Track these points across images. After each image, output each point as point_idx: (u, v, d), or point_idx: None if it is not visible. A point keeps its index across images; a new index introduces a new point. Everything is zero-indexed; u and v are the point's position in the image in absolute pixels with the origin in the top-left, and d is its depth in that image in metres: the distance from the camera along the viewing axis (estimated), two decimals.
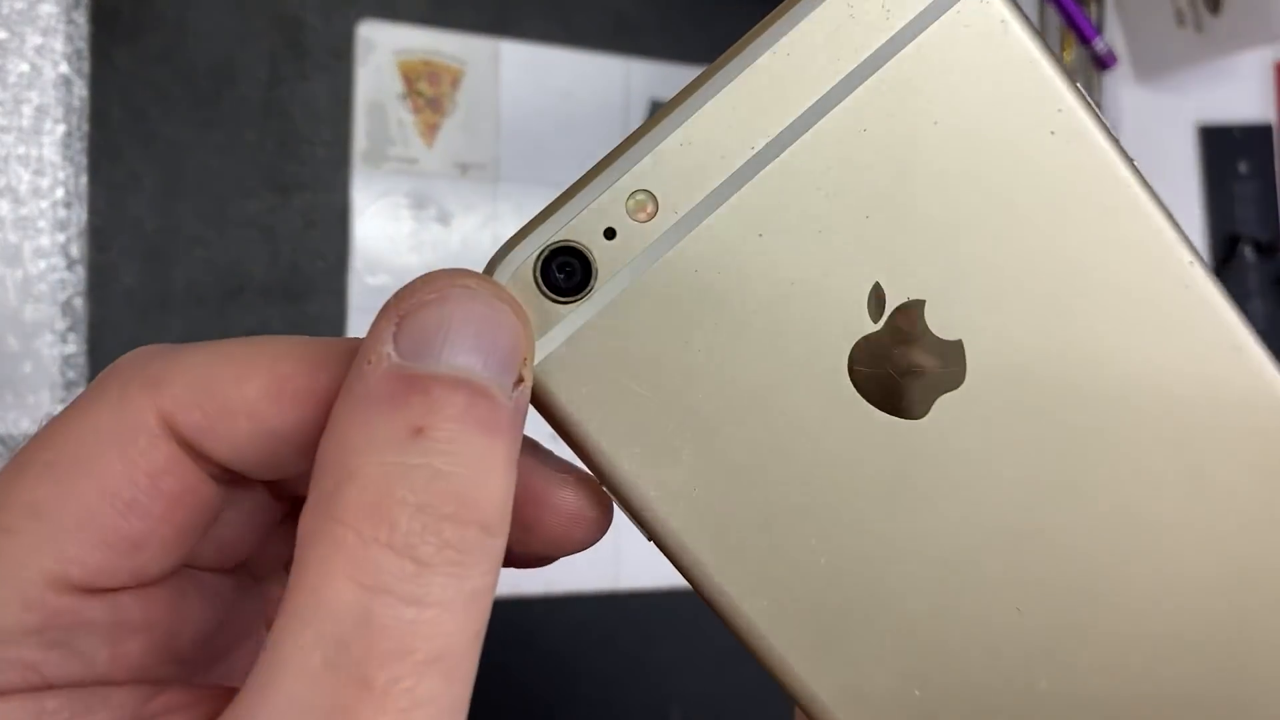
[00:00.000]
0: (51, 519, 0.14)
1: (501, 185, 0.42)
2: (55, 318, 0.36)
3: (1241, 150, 0.55)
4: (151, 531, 0.15)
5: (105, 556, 0.15)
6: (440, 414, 0.13)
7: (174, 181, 0.38)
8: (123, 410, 0.15)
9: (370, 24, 0.40)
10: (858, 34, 0.16)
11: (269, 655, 0.13)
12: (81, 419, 0.15)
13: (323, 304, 0.39)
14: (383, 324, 0.14)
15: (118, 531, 0.15)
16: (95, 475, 0.15)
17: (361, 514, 0.13)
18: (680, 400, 0.16)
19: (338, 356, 0.15)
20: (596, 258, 0.16)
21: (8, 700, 0.14)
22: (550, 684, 0.42)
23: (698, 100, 0.16)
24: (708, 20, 0.45)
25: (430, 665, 0.13)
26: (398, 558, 0.13)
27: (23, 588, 0.14)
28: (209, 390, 0.15)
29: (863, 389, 0.17)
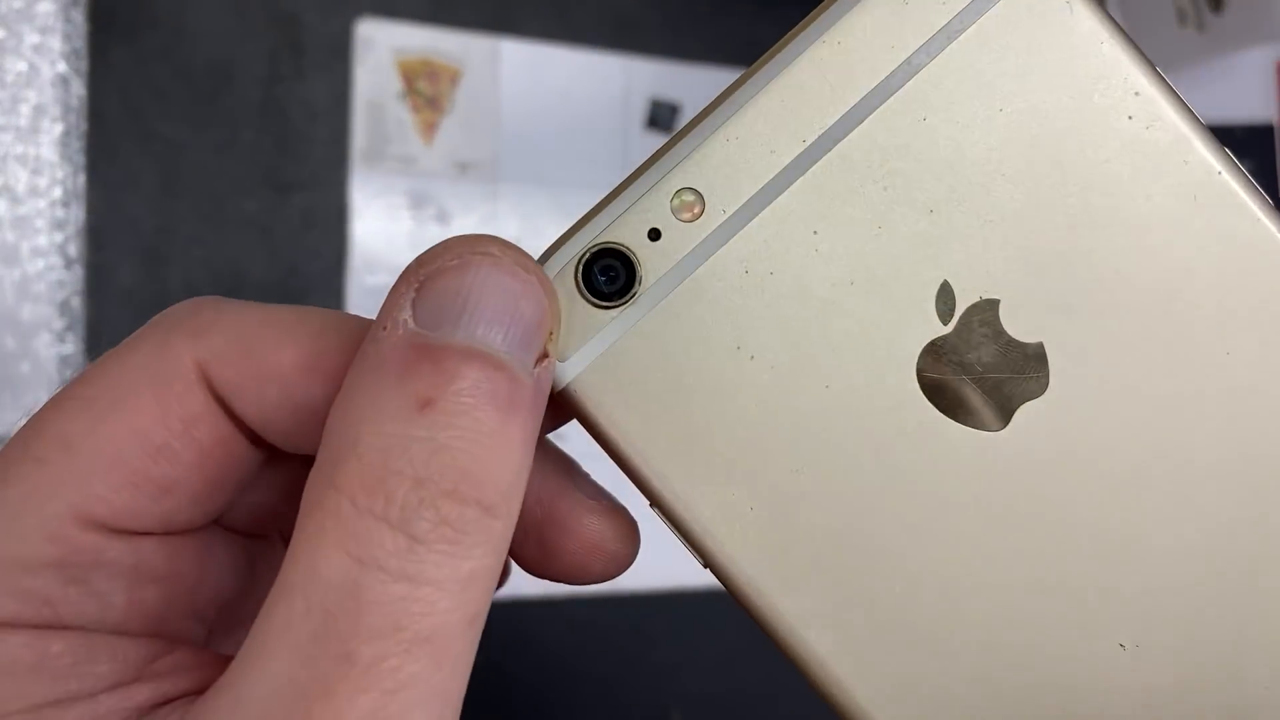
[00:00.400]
0: (82, 453, 0.14)
1: (501, 184, 0.42)
2: (53, 317, 0.36)
3: (1243, 150, 0.55)
4: (181, 479, 0.15)
5: (132, 498, 0.15)
6: (451, 386, 0.13)
7: (172, 181, 0.38)
8: (162, 354, 0.15)
9: (369, 22, 0.40)
10: (914, 18, 0.15)
11: (260, 624, 0.13)
12: (121, 360, 0.15)
13: (321, 303, 0.39)
14: (401, 289, 0.14)
15: (147, 474, 0.15)
16: (129, 414, 0.14)
17: (359, 484, 0.13)
18: (733, 412, 0.15)
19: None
20: (641, 260, 0.15)
21: (17, 633, 0.14)
22: (551, 685, 0.42)
23: (745, 94, 0.15)
24: (707, 19, 0.45)
25: (419, 645, 0.12)
26: (391, 531, 0.12)
27: (47, 520, 0.14)
28: (248, 349, 0.15)
29: (934, 398, 0.15)
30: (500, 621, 0.42)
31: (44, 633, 0.14)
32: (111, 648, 0.15)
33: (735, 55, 0.45)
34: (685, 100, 0.44)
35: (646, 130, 0.44)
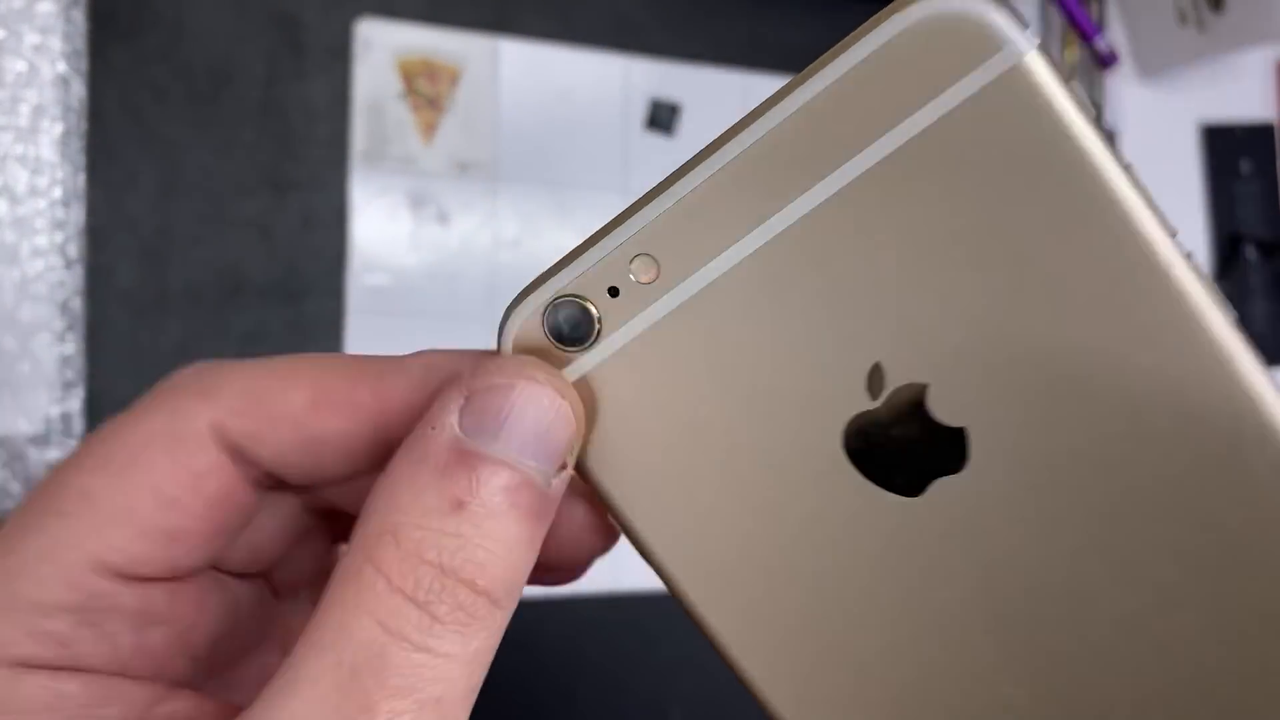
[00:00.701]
0: (101, 507, 0.16)
1: (500, 184, 0.42)
2: (53, 317, 0.36)
3: (1244, 150, 0.55)
4: (189, 528, 0.17)
5: (144, 547, 0.16)
6: (482, 494, 0.15)
7: (172, 181, 0.38)
8: (174, 416, 0.17)
9: (369, 22, 0.40)
10: (875, 106, 0.15)
11: (289, 671, 0.14)
12: (136, 422, 0.17)
13: (321, 303, 0.39)
14: (452, 394, 0.16)
15: (158, 524, 0.16)
16: (144, 471, 0.16)
17: (395, 566, 0.15)
18: (674, 456, 0.17)
19: (375, 372, 0.17)
20: (600, 313, 0.17)
21: (35, 675, 0.15)
22: (551, 684, 0.42)
23: (707, 167, 0.16)
24: (707, 19, 0.45)
25: (430, 705, 0.15)
26: (417, 610, 0.15)
27: (68, 568, 0.16)
28: (258, 399, 0.17)
29: (858, 462, 0.17)
30: None
31: (59, 674, 0.16)
32: (120, 690, 0.16)
33: (735, 56, 0.45)
34: (685, 100, 0.44)
35: (646, 130, 0.44)
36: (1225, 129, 0.55)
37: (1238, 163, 0.55)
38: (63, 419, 0.36)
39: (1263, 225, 0.55)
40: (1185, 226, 0.55)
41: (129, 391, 0.37)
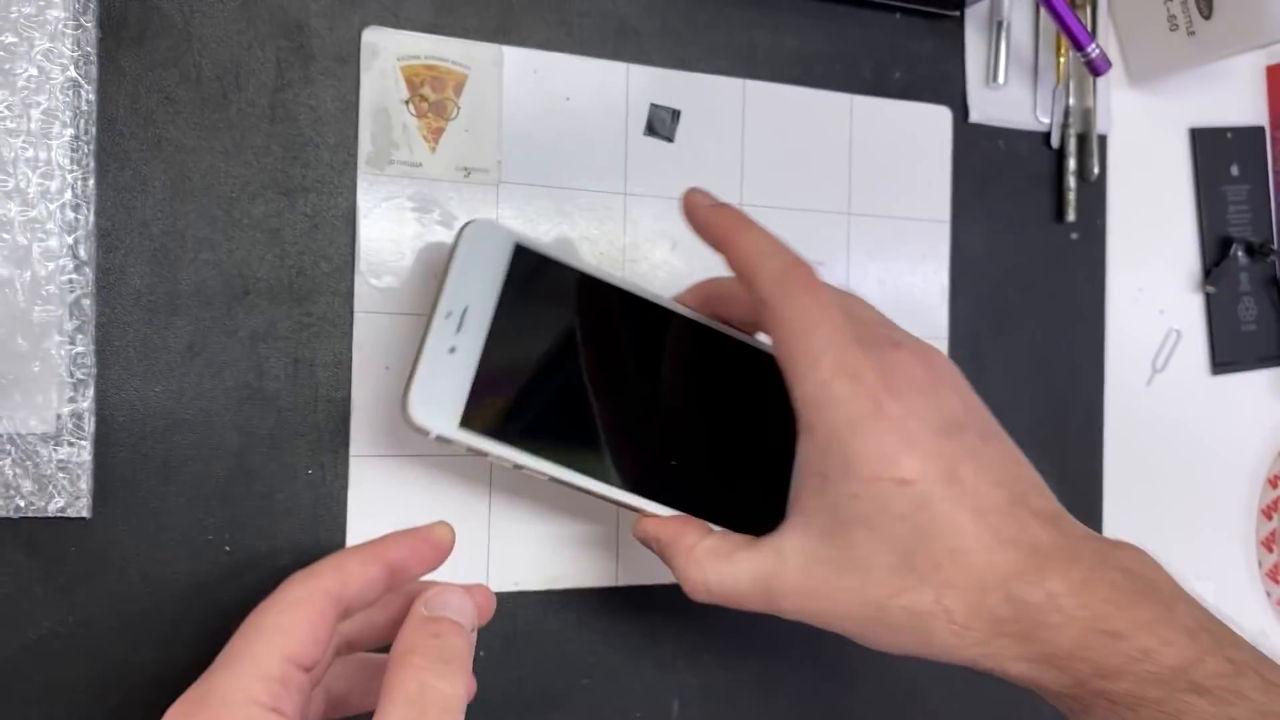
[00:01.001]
0: (291, 633, 0.31)
1: (504, 188, 0.42)
2: (64, 318, 0.36)
3: (1233, 153, 0.56)
4: (322, 645, 0.32)
5: (309, 651, 0.31)
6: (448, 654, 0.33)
7: (181, 184, 0.38)
8: (308, 585, 0.33)
9: (375, 30, 0.41)
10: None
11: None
12: (287, 591, 0.33)
13: (328, 305, 0.40)
14: (429, 629, 0.33)
15: (314, 642, 0.31)
16: (307, 614, 0.32)
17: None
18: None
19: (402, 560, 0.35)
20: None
21: (268, 714, 0.30)
22: (552, 676, 0.43)
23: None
24: (706, 27, 0.46)
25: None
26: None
27: (279, 661, 0.31)
28: (349, 574, 0.33)
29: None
30: (502, 613, 0.43)
31: (274, 713, 0.30)
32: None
33: (733, 63, 0.46)
34: (685, 106, 0.45)
35: (646, 135, 0.45)
36: (1215, 132, 0.56)
37: (1228, 166, 0.56)
38: (73, 418, 0.36)
39: (1252, 227, 0.56)
40: (1176, 229, 0.56)
41: (139, 391, 0.37)
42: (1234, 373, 0.56)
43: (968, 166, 0.49)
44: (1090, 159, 0.52)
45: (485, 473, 0.42)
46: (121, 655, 0.37)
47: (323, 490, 0.39)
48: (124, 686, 0.37)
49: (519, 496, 0.42)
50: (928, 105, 0.49)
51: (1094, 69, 0.49)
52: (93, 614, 0.37)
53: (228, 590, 0.38)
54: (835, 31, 0.48)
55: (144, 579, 0.37)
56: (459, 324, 0.36)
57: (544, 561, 0.42)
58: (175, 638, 0.38)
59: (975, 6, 0.50)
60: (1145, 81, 0.54)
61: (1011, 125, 0.51)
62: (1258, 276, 0.56)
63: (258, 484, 0.39)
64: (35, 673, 0.36)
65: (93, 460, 0.36)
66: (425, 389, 0.36)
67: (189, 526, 0.38)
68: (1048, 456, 0.51)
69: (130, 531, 0.37)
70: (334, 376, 0.40)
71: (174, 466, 0.38)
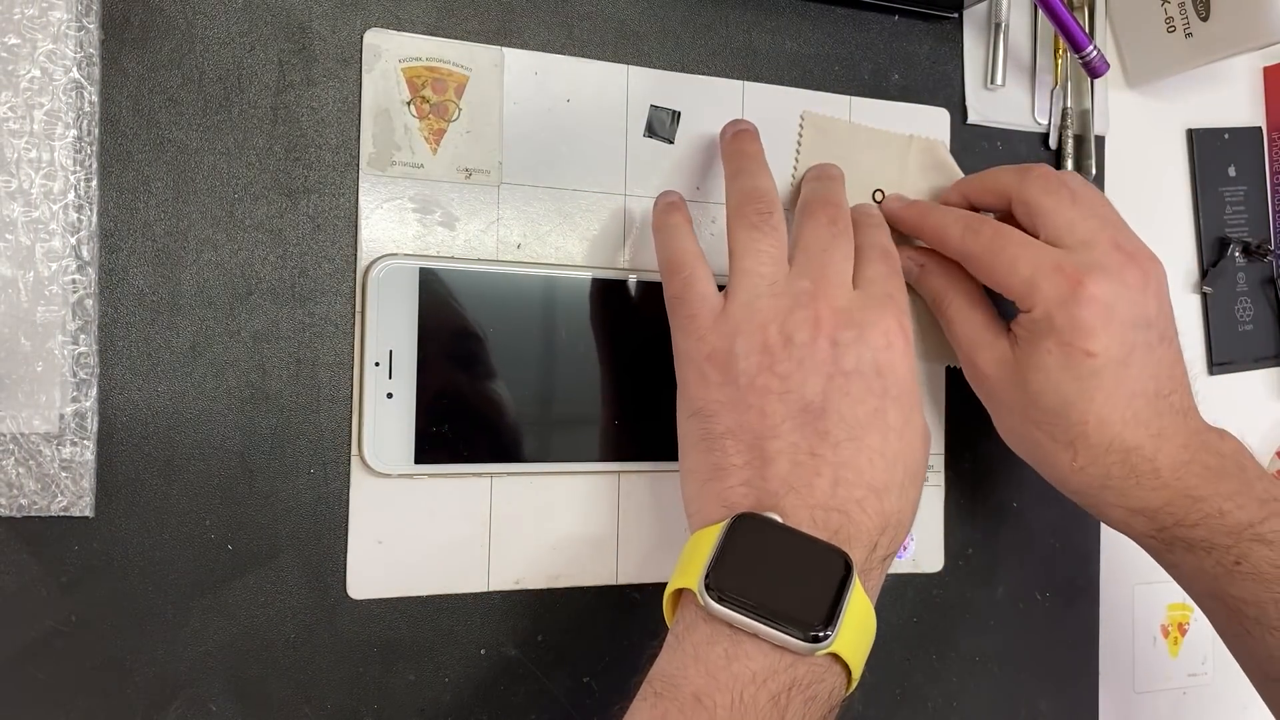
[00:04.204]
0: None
1: (504, 189, 0.42)
2: (67, 319, 0.36)
3: (1231, 154, 0.56)
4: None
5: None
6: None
7: (184, 185, 0.38)
8: None
9: (377, 32, 0.41)
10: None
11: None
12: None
13: (330, 305, 0.40)
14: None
15: None
16: None
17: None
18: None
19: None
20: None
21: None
22: (554, 673, 0.43)
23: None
24: (706, 29, 0.46)
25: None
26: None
27: None
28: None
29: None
30: (504, 610, 0.43)
31: None
32: None
33: (733, 65, 0.46)
34: (685, 108, 0.45)
35: (647, 137, 0.45)
36: (1213, 133, 0.56)
37: (1225, 166, 0.56)
38: (76, 417, 0.36)
39: (1249, 228, 0.56)
40: (1173, 229, 0.56)
41: (142, 391, 0.37)
42: (1231, 373, 0.56)
43: (967, 167, 0.49)
44: (1088, 160, 0.52)
45: (486, 471, 0.42)
46: (123, 654, 0.37)
47: (324, 490, 0.40)
48: (125, 686, 0.37)
49: (520, 495, 0.42)
50: (926, 107, 0.50)
51: (1092, 70, 0.49)
52: (95, 613, 0.37)
53: (229, 589, 0.38)
54: (834, 33, 0.48)
55: (146, 578, 0.37)
56: (389, 369, 0.39)
57: (544, 560, 0.43)
58: (177, 637, 0.38)
59: (973, 9, 0.50)
60: (1143, 83, 0.54)
61: (1010, 126, 0.51)
62: (1255, 277, 0.56)
63: (260, 484, 0.39)
64: (38, 671, 0.36)
65: (95, 460, 0.37)
66: (374, 438, 0.39)
67: (191, 526, 0.38)
68: None
69: (133, 531, 0.37)
70: (335, 377, 0.40)
71: (176, 466, 0.38)
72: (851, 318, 0.37)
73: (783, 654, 0.33)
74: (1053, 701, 0.51)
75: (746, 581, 0.33)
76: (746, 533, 0.34)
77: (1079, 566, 0.52)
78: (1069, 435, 0.41)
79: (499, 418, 0.41)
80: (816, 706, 0.34)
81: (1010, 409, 0.43)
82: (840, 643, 0.33)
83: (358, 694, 0.40)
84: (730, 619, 0.33)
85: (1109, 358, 0.40)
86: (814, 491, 0.35)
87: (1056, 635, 0.52)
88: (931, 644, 0.49)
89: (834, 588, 0.33)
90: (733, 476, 0.36)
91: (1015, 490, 0.51)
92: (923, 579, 0.49)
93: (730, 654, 0.33)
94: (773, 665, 0.33)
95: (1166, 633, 0.54)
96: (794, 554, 0.34)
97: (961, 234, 0.43)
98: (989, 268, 0.42)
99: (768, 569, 0.33)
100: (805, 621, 0.33)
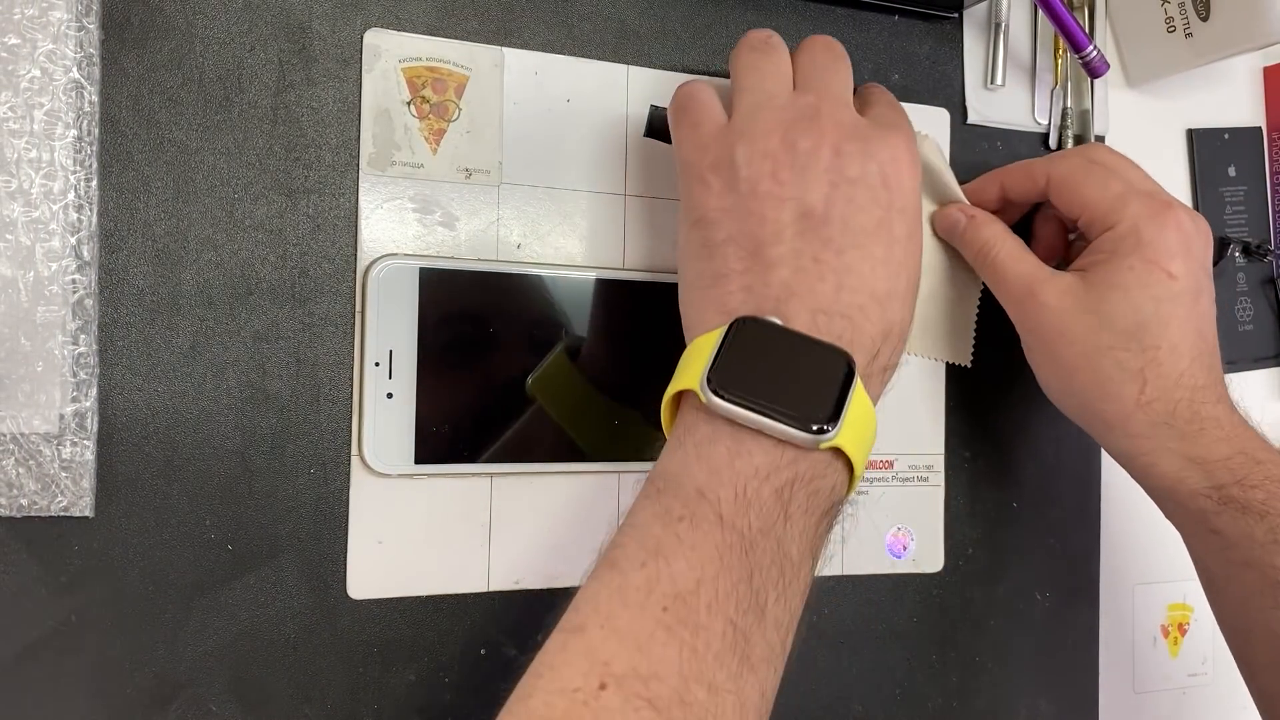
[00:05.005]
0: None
1: (504, 189, 0.43)
2: (67, 319, 0.36)
3: (1231, 154, 0.56)
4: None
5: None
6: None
7: (184, 185, 0.38)
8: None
9: (377, 32, 0.41)
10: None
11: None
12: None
13: (330, 305, 0.40)
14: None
15: None
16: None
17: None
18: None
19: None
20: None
21: None
22: None
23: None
24: (706, 29, 0.46)
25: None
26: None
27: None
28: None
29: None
30: (504, 610, 0.43)
31: None
32: None
33: None
34: None
35: (646, 137, 0.45)
36: (1213, 133, 0.56)
37: (1225, 166, 0.56)
38: (76, 417, 0.36)
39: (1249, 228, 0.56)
40: None
41: (142, 391, 0.37)
42: (1231, 372, 0.56)
43: (966, 167, 0.49)
44: None
45: (486, 471, 0.42)
46: (123, 654, 0.37)
47: (324, 490, 0.40)
48: (125, 686, 0.37)
49: (520, 494, 0.42)
50: (926, 107, 0.50)
51: (1092, 70, 0.49)
52: (95, 613, 0.37)
53: (229, 589, 0.38)
54: (834, 33, 0.48)
55: (146, 578, 0.37)
56: (389, 370, 0.39)
57: (544, 560, 0.43)
58: (177, 637, 0.38)
59: (973, 9, 0.50)
60: (1143, 83, 0.54)
61: (1010, 126, 0.51)
62: (1255, 277, 0.56)
63: (260, 484, 0.39)
64: (37, 671, 0.36)
65: (95, 460, 0.37)
66: (374, 438, 0.39)
67: (191, 526, 0.38)
68: (1046, 456, 0.52)
69: (133, 531, 0.37)
70: (335, 377, 0.40)
71: (176, 466, 0.38)
72: (858, 132, 0.37)
73: (785, 449, 0.33)
74: (1053, 701, 0.51)
75: (748, 379, 0.33)
76: (748, 334, 0.34)
77: (1079, 566, 0.52)
78: (1140, 362, 0.40)
79: (499, 417, 0.41)
80: (819, 502, 0.33)
81: (1074, 341, 0.41)
82: (843, 438, 0.33)
83: (358, 694, 0.40)
84: (733, 414, 0.32)
85: (1185, 286, 0.40)
86: (816, 296, 0.35)
87: (1056, 635, 0.52)
88: (931, 644, 0.49)
89: (837, 385, 0.33)
90: (732, 282, 0.35)
91: (1015, 490, 0.51)
92: (923, 579, 0.49)
93: (733, 451, 0.33)
94: (775, 461, 0.32)
95: (1166, 633, 0.54)
96: (796, 354, 0.33)
97: (1049, 160, 0.44)
98: (1078, 185, 0.42)
99: (770, 368, 0.33)
100: (808, 416, 0.32)
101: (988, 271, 0.44)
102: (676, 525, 0.32)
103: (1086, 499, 0.52)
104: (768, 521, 0.32)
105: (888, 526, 0.48)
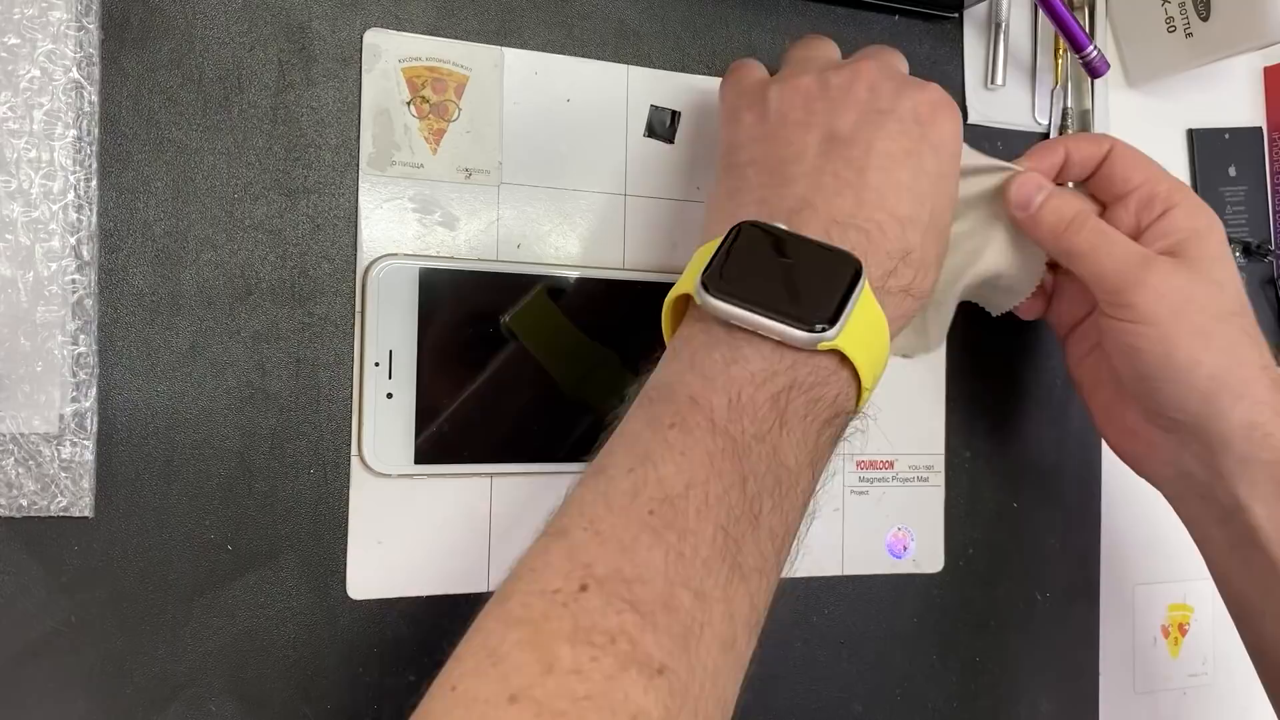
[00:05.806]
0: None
1: (504, 189, 0.42)
2: (66, 319, 0.36)
3: (1231, 153, 0.56)
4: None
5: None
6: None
7: (183, 185, 0.38)
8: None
9: (376, 32, 0.41)
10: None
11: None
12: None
13: (330, 305, 0.40)
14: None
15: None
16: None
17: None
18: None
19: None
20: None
21: None
22: None
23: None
24: (705, 29, 0.46)
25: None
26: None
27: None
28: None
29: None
30: None
31: None
32: None
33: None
34: (684, 108, 0.45)
35: (646, 137, 0.45)
36: (1213, 133, 0.56)
37: (1225, 166, 0.56)
38: (76, 418, 0.36)
39: (1250, 228, 0.56)
40: None
41: (142, 391, 0.37)
42: None
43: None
44: None
45: (486, 471, 0.42)
46: (123, 654, 0.37)
47: (324, 490, 0.40)
48: (125, 686, 0.37)
49: (520, 495, 0.42)
50: None
51: (1092, 70, 0.49)
52: (95, 613, 0.37)
53: (229, 590, 0.38)
54: (834, 33, 0.48)
55: (146, 578, 0.37)
56: (389, 370, 0.39)
57: None
58: (177, 637, 0.38)
59: (973, 9, 0.50)
60: (1143, 83, 0.54)
61: (1010, 126, 0.51)
62: (1255, 277, 0.56)
63: (259, 484, 0.39)
64: (37, 672, 0.36)
65: (95, 460, 0.37)
66: (374, 438, 0.39)
67: (191, 526, 0.38)
68: (1047, 456, 0.52)
69: (132, 531, 0.37)
70: (335, 377, 0.40)
71: (176, 466, 0.38)
72: (896, 75, 0.37)
73: (783, 354, 0.31)
74: (1053, 701, 0.51)
75: (747, 281, 0.31)
76: (751, 238, 0.33)
77: (1079, 566, 0.52)
78: (1254, 330, 0.40)
79: (499, 418, 0.41)
80: (820, 410, 0.32)
81: (1204, 308, 0.39)
82: (846, 340, 0.31)
83: (358, 694, 0.40)
84: (727, 314, 0.31)
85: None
86: (832, 208, 0.34)
87: (1056, 635, 0.52)
88: (931, 644, 0.49)
89: (841, 287, 0.32)
90: (747, 195, 0.35)
91: (1015, 490, 0.51)
92: (923, 579, 0.49)
93: (728, 358, 0.32)
94: (772, 366, 0.31)
95: (1167, 633, 0.54)
96: (800, 257, 0.32)
97: (1102, 139, 0.43)
98: (1142, 157, 0.42)
99: (770, 269, 0.32)
100: (807, 316, 0.31)
101: (1066, 259, 0.42)
102: (666, 431, 0.30)
103: (1087, 499, 0.52)
104: (762, 428, 0.31)
105: (888, 527, 0.48)
